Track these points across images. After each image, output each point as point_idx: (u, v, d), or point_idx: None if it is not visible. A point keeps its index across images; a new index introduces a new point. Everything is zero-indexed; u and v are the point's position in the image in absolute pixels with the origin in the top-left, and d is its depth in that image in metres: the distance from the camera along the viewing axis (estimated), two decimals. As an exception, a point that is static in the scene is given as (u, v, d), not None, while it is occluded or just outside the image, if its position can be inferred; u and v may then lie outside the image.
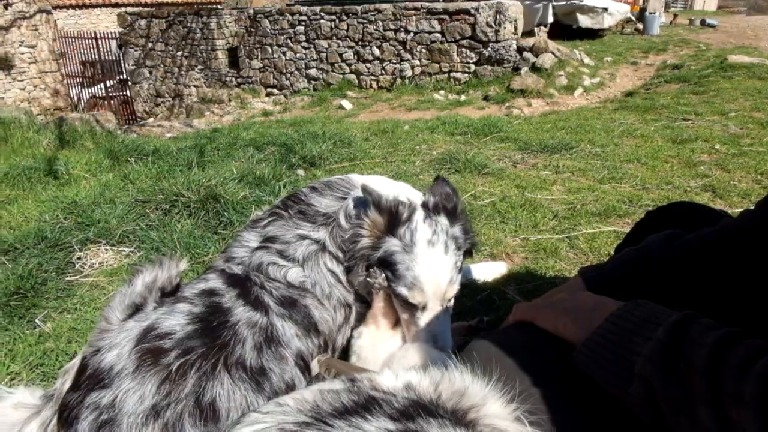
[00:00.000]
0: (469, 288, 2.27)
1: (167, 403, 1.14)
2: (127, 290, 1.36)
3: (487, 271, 2.41)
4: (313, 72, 12.25)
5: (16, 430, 1.29)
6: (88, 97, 16.77)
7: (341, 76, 11.97)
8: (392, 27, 11.15)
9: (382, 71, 11.50)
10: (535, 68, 10.16)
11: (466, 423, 0.87)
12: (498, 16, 10.10)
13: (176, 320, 1.28)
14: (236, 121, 10.31)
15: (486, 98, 9.79)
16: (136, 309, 1.33)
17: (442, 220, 1.53)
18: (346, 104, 10.61)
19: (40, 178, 4.15)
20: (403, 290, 1.48)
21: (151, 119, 13.63)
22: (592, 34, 15.01)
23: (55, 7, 16.59)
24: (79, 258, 2.69)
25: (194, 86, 13.73)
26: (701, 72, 8.93)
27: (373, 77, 11.62)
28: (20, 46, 14.68)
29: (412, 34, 11.01)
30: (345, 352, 1.64)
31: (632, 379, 0.89)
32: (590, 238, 2.75)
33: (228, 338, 1.27)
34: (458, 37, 10.58)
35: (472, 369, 0.98)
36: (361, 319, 1.64)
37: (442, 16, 10.66)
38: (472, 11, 10.24)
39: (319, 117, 8.84)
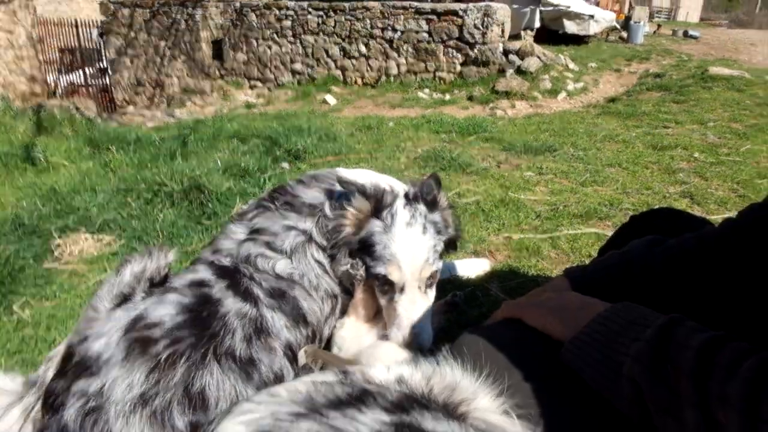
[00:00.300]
0: (452, 283, 2.29)
1: (156, 392, 1.14)
2: (115, 280, 1.35)
3: (471, 267, 2.44)
4: (298, 66, 12.17)
5: (-3, 417, 1.27)
6: (66, 84, 16.41)
7: (326, 71, 11.91)
8: (380, 25, 11.13)
9: (368, 68, 11.47)
10: (520, 71, 10.23)
11: (457, 416, 0.88)
12: (486, 19, 10.16)
13: (166, 310, 1.27)
14: (218, 113, 10.20)
15: (470, 98, 9.82)
16: (124, 299, 1.32)
17: (421, 207, 1.58)
18: (330, 99, 10.56)
19: (18, 165, 4.08)
20: (381, 269, 1.51)
21: (131, 108, 13.40)
22: (577, 40, 15.15)
23: (35, -8, 16.17)
24: (58, 245, 2.64)
25: (176, 77, 13.54)
26: (682, 82, 9.08)
27: (358, 74, 11.59)
28: (-3, 29, 14.29)
29: (399, 33, 11.01)
30: (329, 342, 1.65)
31: (619, 379, 0.90)
32: (572, 239, 2.79)
33: (218, 329, 1.27)
34: (445, 38, 10.61)
35: (462, 363, 0.99)
36: (345, 311, 1.66)
37: (430, 17, 10.67)
38: (461, 13, 10.28)
39: (303, 111, 8.79)
